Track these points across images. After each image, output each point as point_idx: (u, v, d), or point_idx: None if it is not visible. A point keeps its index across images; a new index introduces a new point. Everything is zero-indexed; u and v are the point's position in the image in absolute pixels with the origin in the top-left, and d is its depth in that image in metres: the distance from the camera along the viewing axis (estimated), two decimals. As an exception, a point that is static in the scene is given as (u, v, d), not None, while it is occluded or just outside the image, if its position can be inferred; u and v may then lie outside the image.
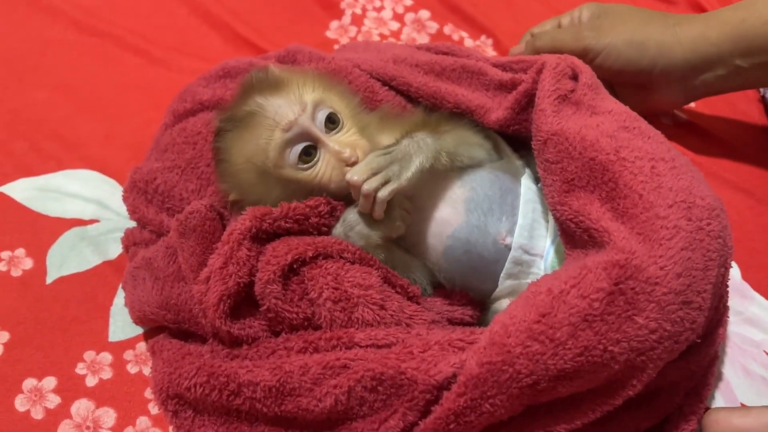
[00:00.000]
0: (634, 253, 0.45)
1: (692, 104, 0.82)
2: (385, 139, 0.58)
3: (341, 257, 0.52)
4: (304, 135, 0.54)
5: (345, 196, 0.55)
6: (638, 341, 0.44)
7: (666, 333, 0.44)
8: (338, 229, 0.54)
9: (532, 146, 0.55)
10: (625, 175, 0.48)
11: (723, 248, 0.48)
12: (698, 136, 0.79)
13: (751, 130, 0.82)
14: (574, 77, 0.57)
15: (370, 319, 0.50)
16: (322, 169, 0.54)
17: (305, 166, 0.54)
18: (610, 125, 0.52)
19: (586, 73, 0.57)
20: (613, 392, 0.46)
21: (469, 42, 0.88)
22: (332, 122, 0.56)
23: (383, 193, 0.51)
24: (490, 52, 0.87)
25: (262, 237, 0.53)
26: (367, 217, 0.53)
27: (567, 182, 0.51)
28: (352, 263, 0.52)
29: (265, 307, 0.51)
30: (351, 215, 0.54)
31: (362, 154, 0.54)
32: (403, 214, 0.54)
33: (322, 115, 0.55)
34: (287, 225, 0.53)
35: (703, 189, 0.49)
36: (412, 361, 0.46)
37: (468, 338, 0.47)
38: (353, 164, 0.53)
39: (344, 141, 0.55)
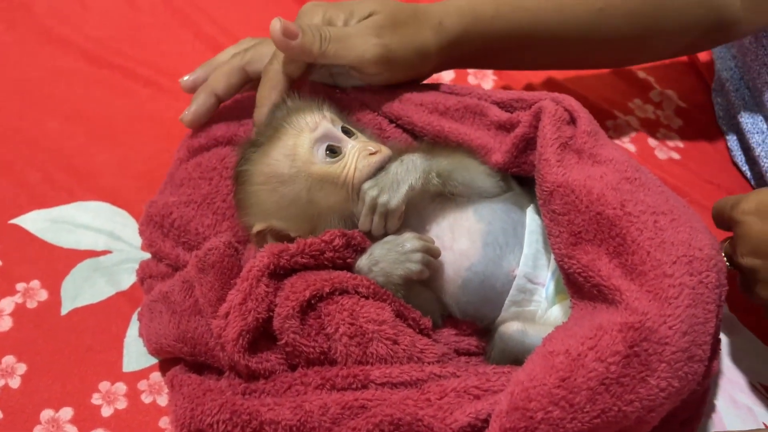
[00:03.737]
0: (647, 315, 0.47)
1: (680, 144, 0.85)
2: None
3: (356, 292, 0.54)
4: (329, 136, 0.58)
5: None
6: (650, 400, 0.47)
7: (674, 389, 0.47)
8: (363, 262, 0.57)
9: (537, 195, 0.57)
10: (632, 231, 0.51)
11: (719, 297, 0.51)
12: (689, 171, 0.83)
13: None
14: (572, 121, 0.60)
15: (384, 353, 0.52)
16: (349, 162, 0.58)
17: (333, 160, 0.58)
18: (613, 176, 0.54)
19: (584, 119, 0.59)
20: None
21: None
22: (346, 133, 0.60)
23: (378, 227, 0.56)
24: (491, 78, 0.90)
25: (279, 273, 0.55)
26: (392, 258, 0.56)
27: (574, 235, 0.53)
28: (367, 298, 0.54)
29: (283, 341, 0.53)
30: (377, 251, 0.57)
31: (385, 149, 0.58)
32: (429, 260, 0.56)
33: (338, 126, 0.59)
34: (304, 260, 0.55)
35: (700, 237, 0.52)
36: (429, 408, 0.48)
37: (483, 386, 0.49)
38: (376, 154, 0.57)
39: (365, 141, 0.59)
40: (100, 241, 0.70)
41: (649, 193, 0.55)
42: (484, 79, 0.90)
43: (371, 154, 0.58)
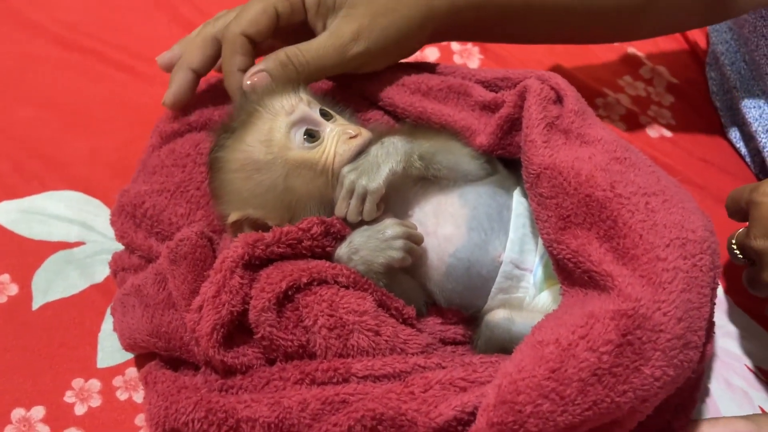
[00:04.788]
0: (640, 301, 0.45)
1: (672, 121, 0.83)
2: None
3: (336, 282, 0.52)
4: (306, 119, 0.56)
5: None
6: (644, 390, 0.45)
7: (669, 378, 0.45)
8: (343, 250, 0.55)
9: (524, 178, 0.55)
10: (623, 213, 0.49)
11: (714, 280, 0.49)
12: (681, 149, 0.81)
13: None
14: (559, 100, 0.58)
15: (366, 345, 0.50)
16: (328, 146, 0.55)
17: (311, 145, 0.55)
18: (602, 157, 0.52)
19: (571, 97, 0.57)
20: (611, 429, 0.47)
21: (455, 46, 0.88)
22: (324, 116, 0.57)
23: (353, 212, 0.54)
24: (477, 57, 0.87)
25: (255, 263, 0.52)
26: (373, 245, 0.54)
27: (563, 219, 0.51)
28: (347, 288, 0.52)
29: (259, 335, 0.50)
30: (357, 238, 0.54)
31: (365, 132, 0.56)
32: (411, 247, 0.54)
33: (315, 110, 0.57)
34: (280, 250, 0.53)
35: (693, 219, 0.50)
36: (413, 402, 0.46)
37: (470, 377, 0.47)
38: (356, 137, 0.55)
39: (344, 124, 0.57)
40: (72, 232, 0.68)
41: (639, 173, 0.53)
42: (471, 59, 0.87)
43: (351, 137, 0.55)
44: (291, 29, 0.62)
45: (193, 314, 0.51)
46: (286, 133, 0.55)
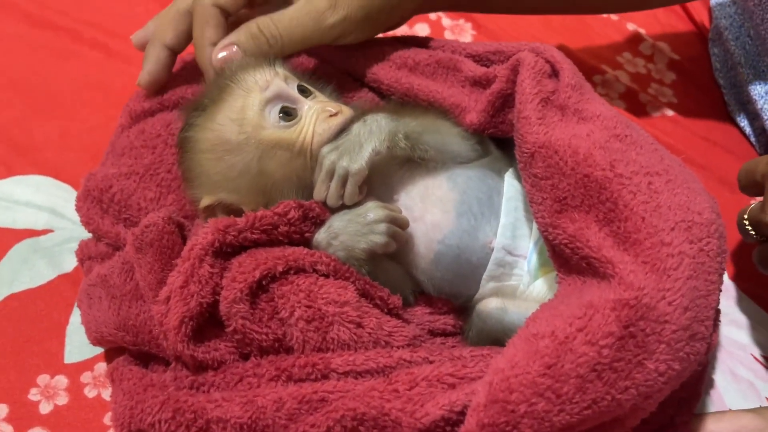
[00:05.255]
0: (644, 290, 0.41)
1: (674, 99, 0.79)
2: None
3: (314, 270, 0.48)
4: (282, 96, 0.52)
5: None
6: (647, 386, 0.41)
7: (674, 373, 0.42)
8: (321, 235, 0.51)
9: (517, 157, 0.51)
10: (624, 194, 0.45)
11: (721, 266, 0.46)
12: (683, 128, 0.77)
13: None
14: (554, 74, 0.54)
15: (347, 338, 0.46)
16: (306, 125, 0.51)
17: (287, 124, 0.51)
18: (601, 134, 0.48)
19: (567, 70, 0.53)
20: (611, 428, 0.43)
21: (447, 21, 0.84)
22: (303, 92, 0.53)
23: (333, 196, 0.50)
24: (469, 33, 0.83)
25: (226, 251, 0.48)
26: (354, 229, 0.50)
27: (559, 201, 0.47)
28: (326, 276, 0.48)
29: (231, 328, 0.47)
30: (337, 222, 0.51)
31: (346, 110, 0.52)
32: (395, 231, 0.51)
33: (292, 86, 0.53)
34: (254, 236, 0.49)
35: (699, 200, 0.46)
36: (397, 400, 0.42)
37: (459, 372, 0.43)
38: (336, 115, 0.51)
39: (324, 101, 0.53)
40: (40, 219, 0.64)
41: (641, 151, 0.49)
42: (462, 35, 0.83)
43: (331, 115, 0.51)
44: None
45: (160, 306, 0.47)
46: (260, 110, 0.51)
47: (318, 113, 0.52)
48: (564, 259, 0.48)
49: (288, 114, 0.51)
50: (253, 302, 0.47)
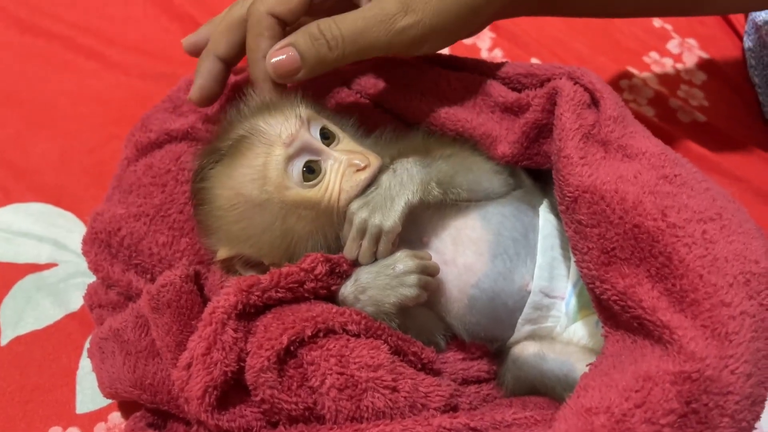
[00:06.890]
0: (706, 361, 0.38)
1: (705, 102, 0.75)
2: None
3: (344, 330, 0.45)
4: (306, 148, 0.47)
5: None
6: None
7: None
8: (348, 289, 0.48)
9: (557, 199, 0.47)
10: (678, 247, 0.41)
11: None
12: (716, 135, 0.73)
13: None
14: (594, 102, 0.50)
15: (382, 405, 0.43)
16: (331, 182, 0.47)
17: (311, 183, 0.47)
18: (649, 175, 0.44)
19: (608, 100, 0.49)
20: None
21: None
22: (326, 138, 0.49)
23: (366, 255, 0.47)
24: (488, 36, 0.78)
25: (249, 312, 0.45)
26: (383, 282, 0.47)
27: (606, 252, 0.44)
28: (357, 336, 0.45)
29: (258, 397, 0.43)
30: (364, 276, 0.47)
31: (374, 159, 0.48)
32: (427, 281, 0.47)
33: (315, 130, 0.49)
34: (279, 295, 0.45)
35: (755, 246, 0.43)
36: None
37: None
38: (364, 169, 0.47)
39: (349, 149, 0.49)
40: (43, 252, 0.61)
41: (692, 194, 0.45)
42: (481, 37, 0.79)
43: (358, 170, 0.47)
44: (329, 5, 0.52)
45: (180, 372, 0.44)
46: (283, 169, 0.47)
47: (343, 168, 0.48)
48: (611, 313, 0.45)
49: (312, 171, 0.47)
50: (281, 369, 0.44)
